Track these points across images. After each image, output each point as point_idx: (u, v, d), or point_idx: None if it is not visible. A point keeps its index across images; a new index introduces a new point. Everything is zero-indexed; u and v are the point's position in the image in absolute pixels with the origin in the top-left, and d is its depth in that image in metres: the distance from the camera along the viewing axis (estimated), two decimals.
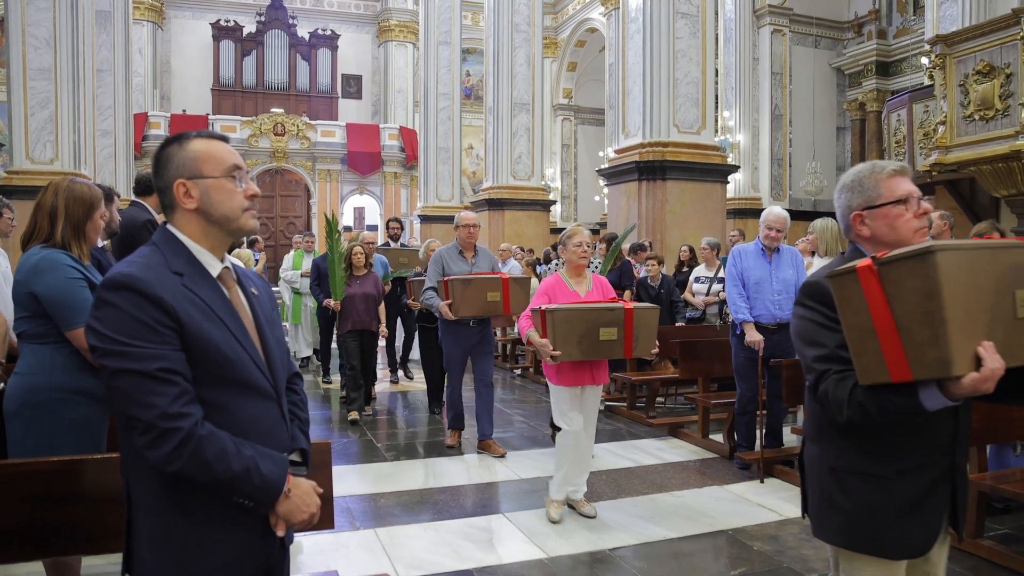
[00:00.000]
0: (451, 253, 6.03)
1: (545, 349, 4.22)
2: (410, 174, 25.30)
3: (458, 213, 6.21)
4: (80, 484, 2.39)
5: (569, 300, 4.39)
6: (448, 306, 5.63)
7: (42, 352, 2.78)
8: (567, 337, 4.20)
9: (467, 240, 6.01)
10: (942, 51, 6.76)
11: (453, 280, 5.64)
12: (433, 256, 6.11)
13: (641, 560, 3.90)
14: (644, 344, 4.40)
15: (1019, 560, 3.72)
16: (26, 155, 10.67)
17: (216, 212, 1.75)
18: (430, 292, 5.92)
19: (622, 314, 4.30)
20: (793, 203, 17.17)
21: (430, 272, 6.03)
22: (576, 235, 4.53)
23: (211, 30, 25.55)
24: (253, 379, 1.72)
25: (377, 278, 7.50)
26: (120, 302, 1.58)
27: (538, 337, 4.30)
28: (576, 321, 4.21)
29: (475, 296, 5.61)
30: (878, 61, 17.17)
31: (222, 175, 1.76)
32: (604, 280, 4.69)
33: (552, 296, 4.45)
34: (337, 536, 4.16)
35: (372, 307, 7.35)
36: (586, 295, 4.51)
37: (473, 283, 5.63)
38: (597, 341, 4.26)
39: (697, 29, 9.75)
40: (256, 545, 1.73)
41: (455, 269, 5.90)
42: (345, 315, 7.25)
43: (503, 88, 15.59)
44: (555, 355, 4.20)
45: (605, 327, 4.26)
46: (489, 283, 5.68)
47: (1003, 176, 6.26)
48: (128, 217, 4.24)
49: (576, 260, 4.52)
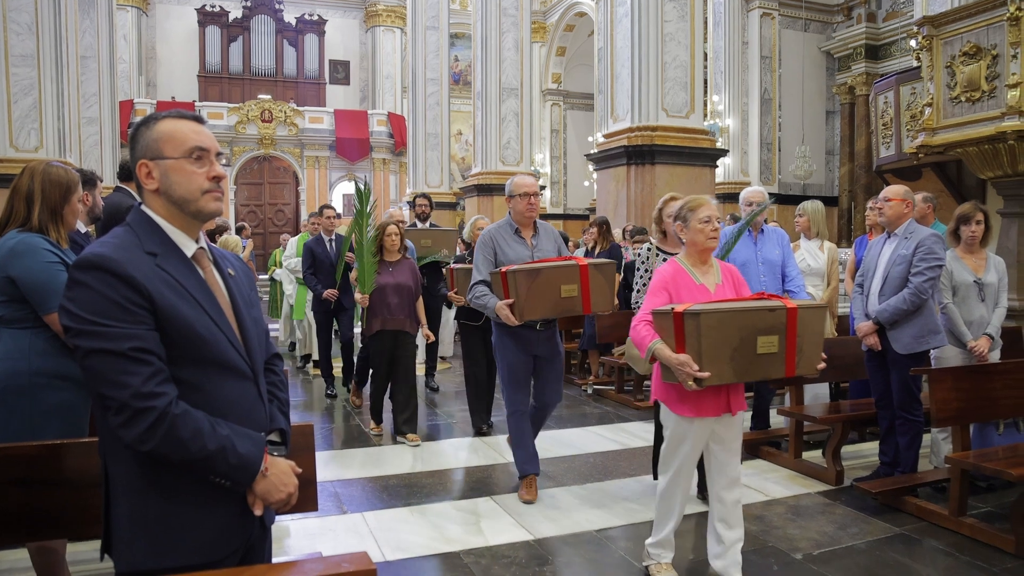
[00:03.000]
0: (504, 233, 4.58)
1: (685, 369, 2.98)
2: (399, 160, 25.21)
3: (513, 177, 4.72)
4: (63, 469, 2.38)
5: (698, 297, 3.26)
6: (510, 307, 4.22)
7: (21, 337, 2.76)
8: (717, 351, 2.99)
9: (527, 214, 4.55)
10: (929, 32, 6.75)
11: (515, 272, 4.19)
12: (481, 239, 4.61)
13: (628, 540, 3.92)
14: (809, 356, 3.21)
15: (1001, 538, 3.76)
16: (10, 143, 10.56)
17: (174, 193, 1.74)
18: (481, 288, 4.44)
19: (784, 316, 3.11)
20: (783, 187, 17.20)
21: (478, 260, 4.54)
22: (703, 206, 3.36)
23: (196, 16, 25.30)
24: (229, 359, 1.72)
25: (414, 265, 6.08)
26: (92, 282, 1.57)
27: (671, 352, 3.04)
28: (728, 328, 3.01)
29: (545, 292, 4.22)
30: (867, 44, 17.16)
31: (181, 156, 1.74)
32: (733, 268, 3.50)
33: (674, 292, 3.28)
34: (324, 520, 4.17)
35: (408, 302, 5.89)
36: (717, 290, 3.33)
37: (542, 274, 4.21)
38: (754, 355, 3.08)
39: (686, 12, 9.71)
40: (235, 524, 1.73)
41: (512, 255, 4.48)
42: (373, 312, 5.83)
43: (491, 73, 15.51)
44: (702, 377, 2.97)
45: (764, 335, 3.09)
46: (562, 273, 4.28)
47: (989, 158, 6.27)
48: (112, 203, 4.22)
49: (703, 242, 3.33)
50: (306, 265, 7.28)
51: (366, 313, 5.88)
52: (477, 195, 15.44)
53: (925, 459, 4.87)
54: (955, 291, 4.71)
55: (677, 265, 3.37)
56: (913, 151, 7.62)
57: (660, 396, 3.36)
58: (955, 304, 4.69)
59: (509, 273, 4.20)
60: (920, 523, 4.12)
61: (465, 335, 6.31)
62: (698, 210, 3.34)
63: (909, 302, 4.33)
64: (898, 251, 4.46)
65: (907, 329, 4.40)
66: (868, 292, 4.63)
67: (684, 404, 3.22)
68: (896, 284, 4.43)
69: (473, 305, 4.52)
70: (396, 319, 5.82)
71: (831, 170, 18.14)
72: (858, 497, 4.50)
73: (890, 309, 4.40)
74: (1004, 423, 4.63)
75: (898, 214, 4.51)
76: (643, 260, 4.47)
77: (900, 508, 4.30)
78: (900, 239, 4.49)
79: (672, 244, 4.40)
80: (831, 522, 4.16)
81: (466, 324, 6.23)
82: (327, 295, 7.11)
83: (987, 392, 4.28)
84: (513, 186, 4.59)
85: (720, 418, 3.27)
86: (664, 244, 4.48)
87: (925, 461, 4.86)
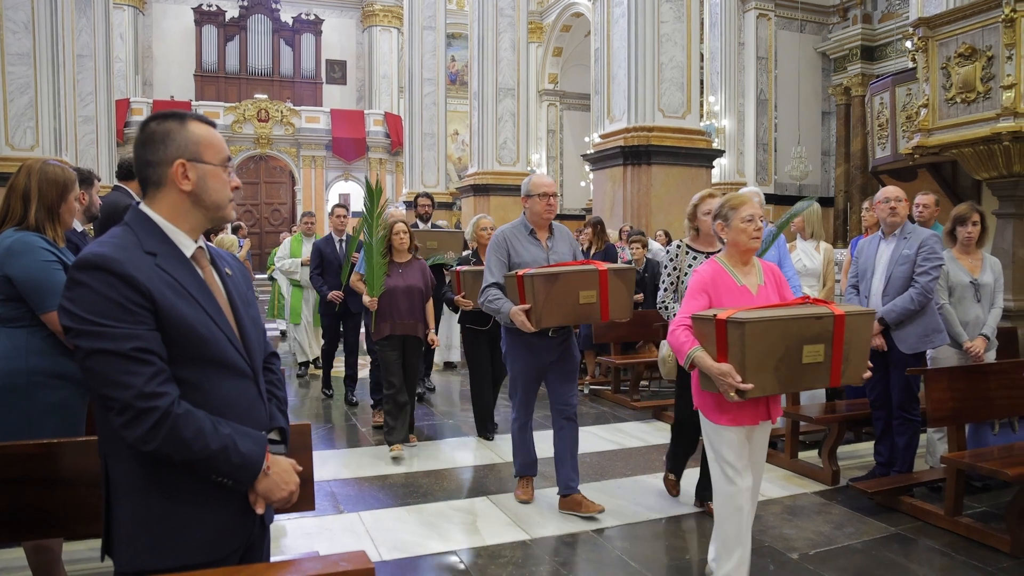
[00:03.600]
0: (518, 234, 4.38)
1: (728, 380, 2.82)
2: (395, 160, 25.21)
3: (530, 175, 4.49)
4: (59, 468, 2.38)
5: (739, 300, 3.07)
6: (527, 313, 4.03)
7: (17, 336, 2.76)
8: (761, 362, 2.83)
9: (545, 215, 4.34)
10: (925, 34, 6.76)
11: (532, 276, 3.98)
12: (494, 239, 4.40)
13: (625, 540, 3.92)
14: (856, 365, 3.05)
15: (997, 537, 3.77)
16: (5, 141, 10.54)
17: (209, 199, 1.77)
18: (494, 291, 4.25)
19: (831, 324, 2.94)
20: (779, 188, 17.23)
21: (491, 261, 4.32)
22: (745, 204, 3.16)
23: (193, 15, 25.30)
24: (229, 358, 1.73)
25: (425, 266, 5.77)
26: (92, 282, 1.57)
27: (711, 361, 2.88)
28: (773, 337, 2.84)
29: (563, 298, 4.03)
30: (863, 45, 17.20)
31: (219, 164, 1.79)
32: (775, 267, 3.32)
33: (714, 294, 3.10)
34: (321, 520, 4.16)
35: (418, 305, 5.59)
36: (759, 292, 3.15)
37: (560, 279, 4.02)
38: (799, 365, 2.91)
39: (682, 13, 9.72)
40: (236, 523, 1.74)
41: (527, 257, 4.28)
42: (382, 316, 5.52)
43: (488, 73, 15.51)
44: (746, 388, 2.81)
45: (810, 344, 2.91)
46: (581, 278, 4.08)
47: (984, 159, 6.28)
48: (110, 202, 4.22)
49: (746, 242, 3.15)
50: (313, 265, 7.06)
51: (374, 317, 5.55)
52: (473, 195, 15.44)
53: (921, 459, 4.89)
54: (951, 292, 4.72)
55: (717, 265, 3.19)
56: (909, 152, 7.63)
57: (697, 404, 3.20)
58: (951, 305, 4.71)
59: (526, 277, 3.99)
60: (916, 523, 4.13)
61: (470, 340, 6.04)
62: (740, 208, 3.17)
63: (916, 302, 4.35)
64: (900, 251, 4.48)
65: (912, 329, 4.43)
66: (869, 293, 4.64)
67: (722, 413, 3.06)
68: (900, 284, 4.45)
69: (485, 309, 4.32)
70: (406, 323, 5.52)
71: (827, 171, 18.18)
72: (854, 497, 4.51)
73: (898, 309, 4.41)
74: (999, 423, 4.65)
75: (907, 214, 4.58)
76: (672, 258, 4.26)
77: (896, 508, 4.31)
78: (899, 239, 4.51)
79: (703, 243, 4.25)
80: (827, 522, 4.17)
81: (471, 329, 5.97)
82: (331, 297, 6.88)
83: (983, 392, 4.29)
84: (531, 185, 4.36)
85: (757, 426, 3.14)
86: (695, 242, 4.27)
87: (921, 461, 4.87)
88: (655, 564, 3.68)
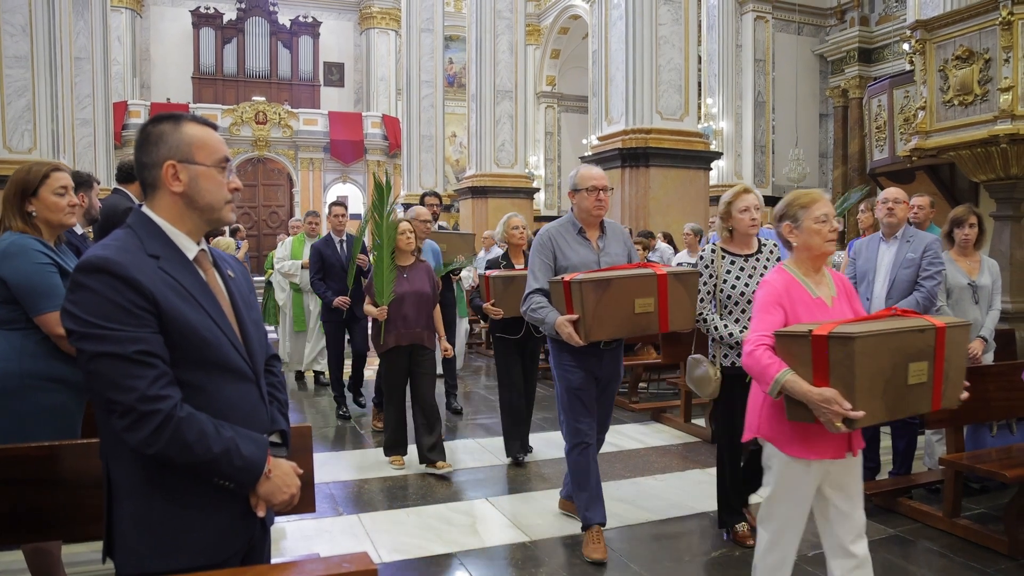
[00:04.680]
0: (565, 233, 3.86)
1: (832, 408, 2.37)
2: (393, 162, 25.20)
3: (578, 167, 3.99)
4: (57, 470, 2.38)
5: (816, 314, 2.69)
6: (575, 324, 3.50)
7: (11, 338, 2.74)
8: (871, 384, 2.40)
9: (595, 212, 3.82)
10: (922, 36, 6.78)
11: (581, 282, 3.45)
12: (538, 240, 3.88)
13: (624, 543, 3.93)
14: (955, 384, 2.66)
15: (995, 539, 3.78)
16: (3, 144, 10.54)
17: (201, 200, 1.75)
18: (538, 298, 3.72)
19: (933, 337, 2.53)
20: (776, 190, 17.23)
21: (534, 264, 3.83)
22: (817, 202, 2.77)
23: (191, 17, 25.29)
24: (231, 361, 1.73)
25: (430, 269, 5.36)
26: (96, 285, 1.57)
27: (808, 386, 2.43)
28: (882, 355, 2.43)
29: (616, 306, 3.52)
30: (860, 48, 17.23)
31: (213, 164, 1.77)
32: (843, 277, 2.92)
33: (790, 308, 2.68)
34: (320, 522, 4.16)
35: (425, 311, 5.18)
36: (834, 304, 2.76)
37: (613, 285, 3.50)
38: (904, 387, 2.49)
39: (680, 16, 9.75)
40: (237, 526, 1.74)
41: (575, 260, 3.76)
42: (388, 326, 5.09)
43: (486, 75, 15.52)
44: (856, 417, 2.37)
45: (915, 361, 2.50)
46: (637, 284, 3.56)
47: (982, 161, 6.30)
48: (109, 205, 4.22)
49: (820, 246, 2.75)
50: (314, 270, 6.57)
51: (382, 328, 5.07)
52: (471, 197, 15.45)
53: (919, 461, 4.89)
54: (949, 293, 4.73)
55: (787, 275, 2.77)
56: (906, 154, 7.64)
57: (765, 433, 2.72)
58: (949, 306, 4.72)
59: (574, 283, 3.47)
60: (914, 524, 4.14)
61: (500, 350, 5.44)
62: (812, 207, 2.76)
63: (923, 306, 4.36)
64: (904, 255, 4.50)
65: None
66: (871, 295, 4.65)
67: (799, 444, 2.62)
68: (904, 287, 4.47)
69: (528, 318, 3.81)
70: (413, 332, 5.11)
71: (824, 173, 18.20)
72: None
73: None
74: (997, 425, 4.65)
75: (906, 217, 4.59)
76: (706, 264, 3.89)
77: (894, 510, 4.31)
78: (901, 242, 4.53)
79: (738, 244, 3.86)
80: None
81: (502, 338, 5.39)
82: (338, 303, 6.36)
83: (980, 394, 4.29)
84: (578, 178, 3.85)
85: (837, 460, 2.66)
86: (729, 244, 3.89)
87: (919, 463, 4.88)
88: (655, 566, 3.68)
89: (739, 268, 3.81)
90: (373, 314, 5.13)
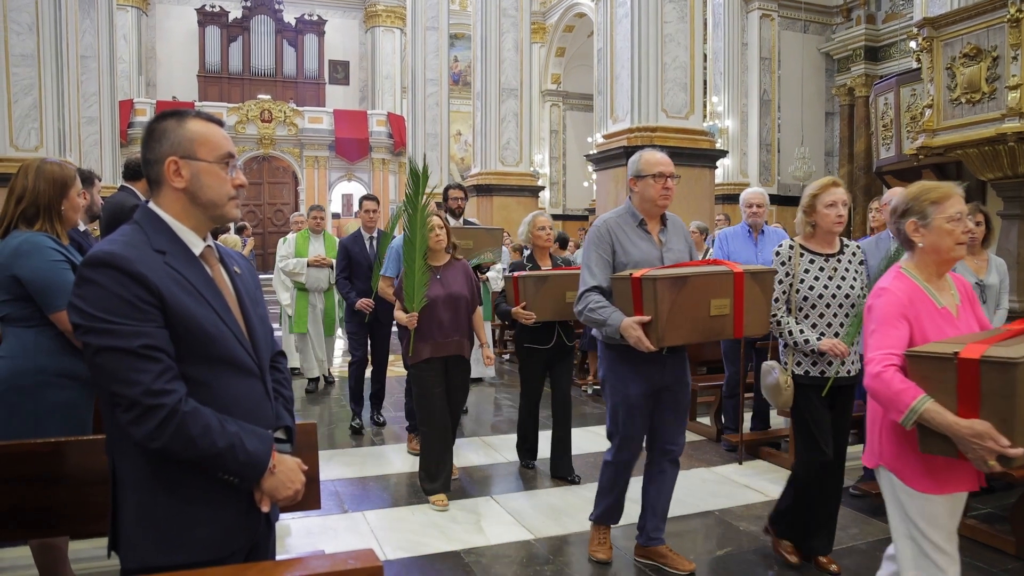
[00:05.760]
0: (624, 225, 3.45)
1: (986, 444, 2.06)
2: (398, 160, 25.22)
3: (641, 151, 3.54)
4: (65, 466, 2.38)
5: (944, 328, 2.38)
6: (644, 328, 3.11)
7: (26, 335, 2.77)
8: None
9: (660, 202, 3.41)
10: (929, 34, 6.76)
11: (654, 279, 3.06)
12: (595, 232, 3.46)
13: (629, 540, 3.91)
14: None
15: (1002, 539, 3.77)
16: (10, 142, 10.56)
17: (203, 196, 1.75)
18: (596, 297, 3.33)
19: None
20: (781, 188, 17.22)
21: (590, 259, 3.41)
22: (951, 198, 2.43)
23: (196, 16, 25.35)
24: (237, 356, 1.73)
25: (468, 268, 4.73)
26: (102, 280, 1.58)
27: (954, 418, 2.12)
28: None
29: (692, 308, 3.14)
30: (867, 46, 17.19)
31: (215, 160, 1.77)
32: (965, 282, 2.60)
33: (914, 320, 2.37)
34: (325, 519, 4.17)
35: (464, 317, 4.57)
36: (960, 315, 2.46)
37: (690, 284, 3.12)
38: None
39: (685, 13, 9.71)
40: (241, 521, 1.74)
41: (637, 255, 3.37)
42: (422, 334, 4.47)
43: (491, 74, 15.51)
44: (1016, 454, 2.05)
45: None
46: (714, 282, 3.21)
47: (989, 159, 6.27)
48: (116, 202, 4.22)
49: (950, 248, 2.43)
50: (340, 267, 6.10)
51: (412, 337, 4.50)
52: (476, 195, 15.45)
53: None
54: None
55: (911, 282, 2.44)
56: (913, 152, 7.62)
57: (888, 462, 2.40)
58: None
59: (646, 280, 3.09)
60: None
61: (526, 359, 5.04)
62: (945, 203, 2.41)
63: None
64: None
65: None
66: None
67: (929, 477, 2.31)
68: None
69: (584, 319, 3.38)
70: (450, 342, 4.49)
71: (830, 171, 18.15)
72: (858, 497, 4.51)
73: None
74: None
75: None
76: (782, 261, 3.54)
77: None
78: None
79: (819, 242, 3.55)
80: None
81: (530, 348, 4.97)
82: (360, 305, 5.90)
83: None
84: (643, 163, 3.42)
85: None
86: (810, 242, 3.57)
87: None
88: None
89: (819, 268, 3.48)
90: (403, 321, 4.47)
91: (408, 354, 4.56)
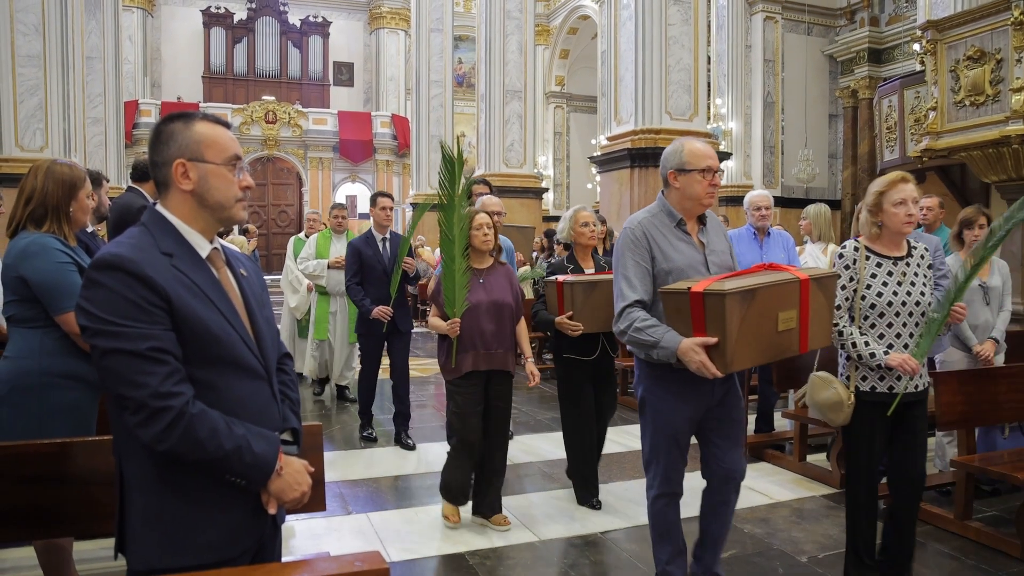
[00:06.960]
0: (661, 226, 2.96)
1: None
2: (402, 162, 25.26)
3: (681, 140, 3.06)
4: (70, 467, 2.39)
5: None
6: (707, 350, 2.59)
7: (31, 336, 2.77)
8: None
9: (706, 200, 2.97)
10: (933, 37, 6.77)
11: (725, 293, 2.51)
12: (629, 234, 2.96)
13: (633, 543, 3.92)
14: None
15: (1007, 542, 3.76)
16: (15, 143, 10.60)
17: (211, 198, 1.76)
18: (641, 313, 2.83)
19: None
20: (785, 190, 17.21)
21: (627, 268, 2.91)
22: None
23: (201, 17, 25.43)
24: (243, 359, 1.73)
25: (511, 273, 4.27)
26: (110, 282, 1.58)
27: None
28: None
29: (760, 324, 2.66)
30: (870, 48, 17.17)
31: (223, 163, 1.77)
32: None
33: None
34: (330, 521, 4.17)
35: (508, 327, 4.11)
36: None
37: (759, 296, 2.62)
38: None
39: (689, 16, 9.72)
40: (248, 523, 1.75)
41: (678, 260, 2.89)
42: (463, 344, 4.02)
43: (495, 75, 15.53)
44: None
45: None
46: (781, 293, 2.73)
47: (993, 161, 6.28)
48: (123, 203, 4.24)
49: None
50: (350, 272, 5.55)
51: (454, 346, 4.03)
52: None
53: (930, 463, 4.87)
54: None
55: None
56: (917, 155, 7.62)
57: None
58: None
59: (710, 295, 2.54)
60: (925, 527, 4.11)
61: (567, 374, 4.49)
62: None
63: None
64: None
65: None
66: None
67: None
68: None
69: (628, 341, 2.86)
70: (494, 354, 4.04)
71: (834, 173, 18.14)
72: None
73: None
74: (1009, 426, 4.63)
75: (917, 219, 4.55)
76: (846, 264, 3.21)
77: None
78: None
79: (886, 244, 3.20)
80: (835, 525, 4.16)
81: (571, 359, 4.43)
82: (377, 314, 5.39)
83: (992, 396, 4.28)
84: (687, 154, 2.95)
85: None
86: (876, 244, 3.22)
87: (930, 465, 4.86)
88: None
89: (887, 273, 3.14)
90: (443, 329, 4.03)
91: (451, 365, 4.06)
